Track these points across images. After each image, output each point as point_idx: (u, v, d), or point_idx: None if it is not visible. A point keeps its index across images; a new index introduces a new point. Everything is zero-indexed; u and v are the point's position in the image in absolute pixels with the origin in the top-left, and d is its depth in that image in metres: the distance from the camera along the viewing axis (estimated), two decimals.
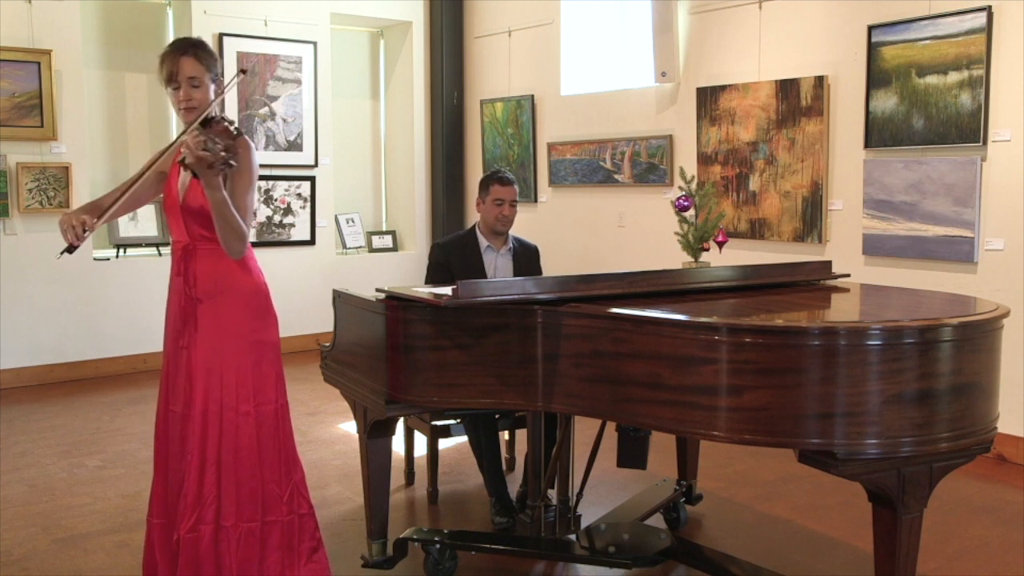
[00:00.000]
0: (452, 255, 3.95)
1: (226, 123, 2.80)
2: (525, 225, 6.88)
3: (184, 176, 2.80)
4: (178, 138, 2.76)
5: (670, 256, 4.17)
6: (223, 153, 2.58)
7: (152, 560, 2.93)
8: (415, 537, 3.31)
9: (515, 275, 4.00)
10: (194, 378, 2.81)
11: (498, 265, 3.99)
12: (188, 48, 2.78)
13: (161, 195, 2.92)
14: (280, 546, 2.89)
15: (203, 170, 2.60)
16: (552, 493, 3.45)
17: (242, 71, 3.03)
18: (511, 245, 4.04)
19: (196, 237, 2.83)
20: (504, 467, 3.96)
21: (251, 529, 2.85)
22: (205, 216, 2.76)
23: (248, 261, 2.89)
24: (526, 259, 4.08)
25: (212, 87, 2.81)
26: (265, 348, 2.89)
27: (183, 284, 2.85)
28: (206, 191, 2.67)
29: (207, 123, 2.76)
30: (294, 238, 7.47)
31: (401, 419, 3.52)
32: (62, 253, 2.58)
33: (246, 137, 2.83)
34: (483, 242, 3.99)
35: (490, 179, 3.98)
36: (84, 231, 2.56)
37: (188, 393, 2.82)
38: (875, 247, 5.18)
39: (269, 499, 2.88)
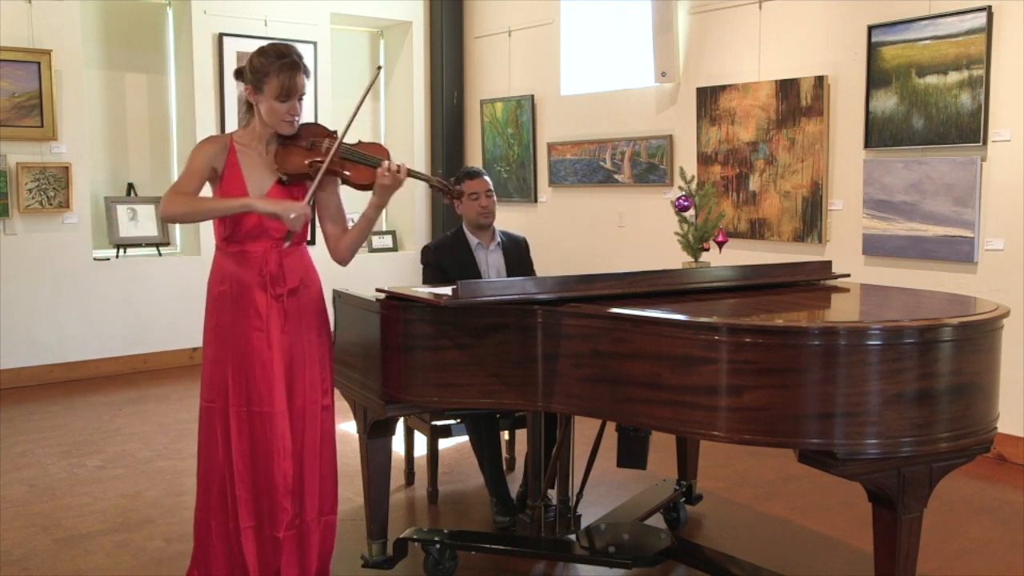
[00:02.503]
0: (444, 256, 3.95)
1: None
2: (525, 225, 6.88)
3: (260, 178, 2.84)
4: (332, 153, 2.84)
5: (670, 256, 4.17)
6: (445, 183, 2.95)
7: (240, 565, 2.86)
8: (415, 537, 3.31)
9: (507, 269, 4.02)
10: (280, 376, 2.82)
11: (489, 262, 4.00)
12: (301, 61, 2.81)
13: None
14: (331, 540, 2.99)
15: (390, 193, 2.90)
16: (552, 493, 3.45)
17: (379, 67, 3.19)
18: (499, 240, 4.05)
19: (282, 239, 2.85)
20: (504, 467, 3.96)
21: (330, 522, 2.93)
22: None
23: (313, 261, 3.01)
24: (516, 252, 4.09)
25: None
26: (330, 344, 3.01)
27: (267, 283, 2.83)
28: (375, 209, 2.93)
29: (343, 141, 2.89)
30: None
31: (401, 419, 3.51)
32: (288, 242, 2.84)
33: None
34: (472, 240, 3.99)
35: (459, 178, 4.00)
36: (309, 217, 2.78)
37: (280, 390, 2.81)
38: (875, 247, 5.18)
39: (337, 490, 2.99)
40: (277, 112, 2.80)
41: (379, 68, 3.16)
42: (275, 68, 2.76)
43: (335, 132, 2.93)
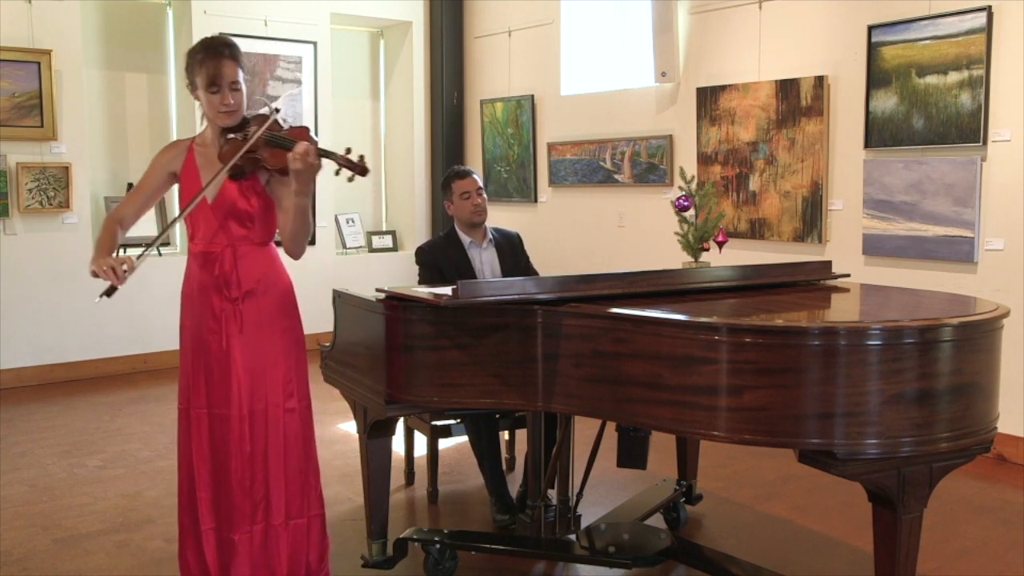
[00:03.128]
0: (439, 256, 3.96)
1: (289, 122, 2.78)
2: (525, 225, 6.88)
3: (214, 176, 2.74)
4: (251, 141, 2.70)
5: (670, 256, 4.16)
6: (349, 159, 2.67)
7: (202, 568, 2.87)
8: (415, 537, 3.31)
9: (501, 266, 4.02)
10: (240, 379, 2.79)
11: (483, 260, 4.00)
12: (227, 49, 2.72)
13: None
14: (319, 542, 2.94)
15: (308, 178, 2.65)
16: (552, 493, 3.45)
17: (276, 109, 2.95)
18: (491, 237, 4.05)
19: (236, 238, 2.80)
20: (504, 467, 3.96)
21: (299, 526, 2.88)
22: (247, 217, 2.77)
23: (281, 262, 2.92)
24: (510, 248, 4.09)
25: (245, 87, 2.79)
26: (300, 345, 2.94)
27: (221, 285, 2.79)
28: (297, 196, 2.68)
29: (272, 127, 2.74)
30: None
31: (401, 419, 3.51)
32: (102, 296, 2.61)
33: None
34: (465, 239, 3.99)
35: (449, 178, 4.01)
36: (126, 271, 2.60)
37: (238, 393, 2.79)
38: (875, 247, 5.18)
39: (311, 494, 2.92)
40: (212, 104, 2.75)
41: (276, 110, 2.85)
42: (199, 59, 2.72)
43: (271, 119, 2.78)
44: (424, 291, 3.03)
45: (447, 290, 2.89)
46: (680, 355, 2.48)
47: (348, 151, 2.73)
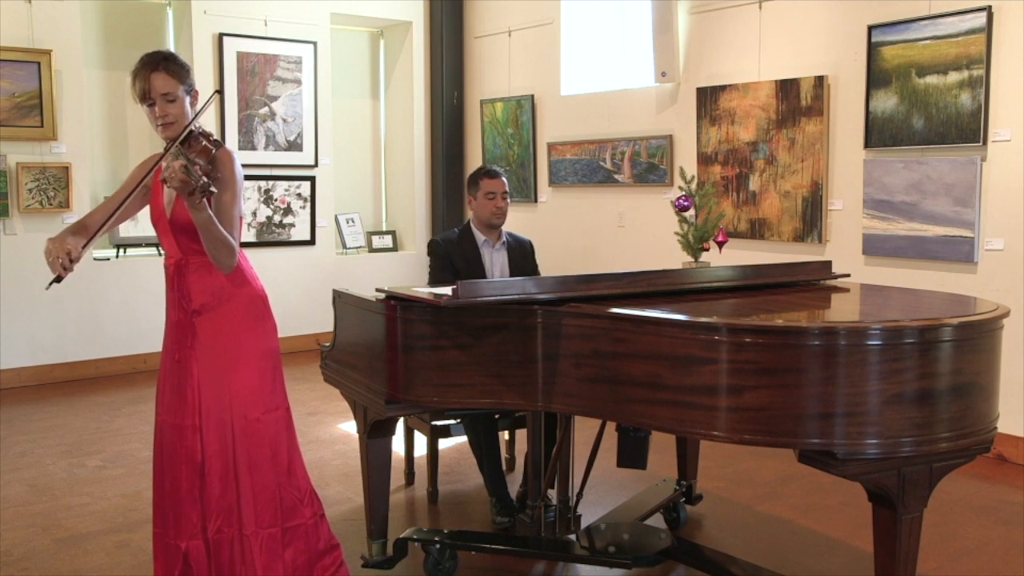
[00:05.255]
0: (452, 250, 3.97)
1: (204, 139, 2.70)
2: (525, 224, 6.88)
3: (169, 192, 2.74)
4: (161, 156, 2.70)
5: (670, 256, 4.17)
6: (203, 179, 2.52)
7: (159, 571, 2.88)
8: (415, 537, 3.31)
9: (511, 269, 4.03)
10: (199, 390, 2.78)
11: (494, 260, 4.01)
12: (159, 63, 2.70)
13: (146, 207, 2.88)
14: (305, 549, 2.91)
15: (185, 195, 2.55)
16: (552, 493, 3.45)
17: (217, 91, 2.90)
18: (505, 239, 4.06)
19: (187, 251, 2.79)
20: (504, 467, 3.96)
21: (273, 535, 2.85)
22: (195, 231, 2.71)
23: (243, 271, 2.85)
24: (521, 253, 4.10)
25: (187, 99, 2.75)
26: (268, 354, 2.89)
27: (179, 298, 2.81)
28: (190, 212, 2.61)
29: (186, 140, 2.68)
30: (294, 238, 7.47)
31: (401, 419, 3.51)
32: (51, 284, 2.56)
33: (227, 148, 2.78)
34: (479, 237, 4.00)
35: (478, 175, 4.01)
36: (71, 261, 2.53)
37: (194, 405, 2.78)
38: (875, 247, 5.18)
39: (287, 503, 2.88)
40: (150, 117, 2.73)
41: (217, 91, 2.81)
42: (133, 73, 2.73)
43: (216, 143, 2.73)
44: (424, 291, 3.03)
45: (447, 290, 2.89)
46: (680, 355, 2.48)
47: (207, 173, 2.61)
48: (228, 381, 2.80)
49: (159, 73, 2.69)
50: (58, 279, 2.54)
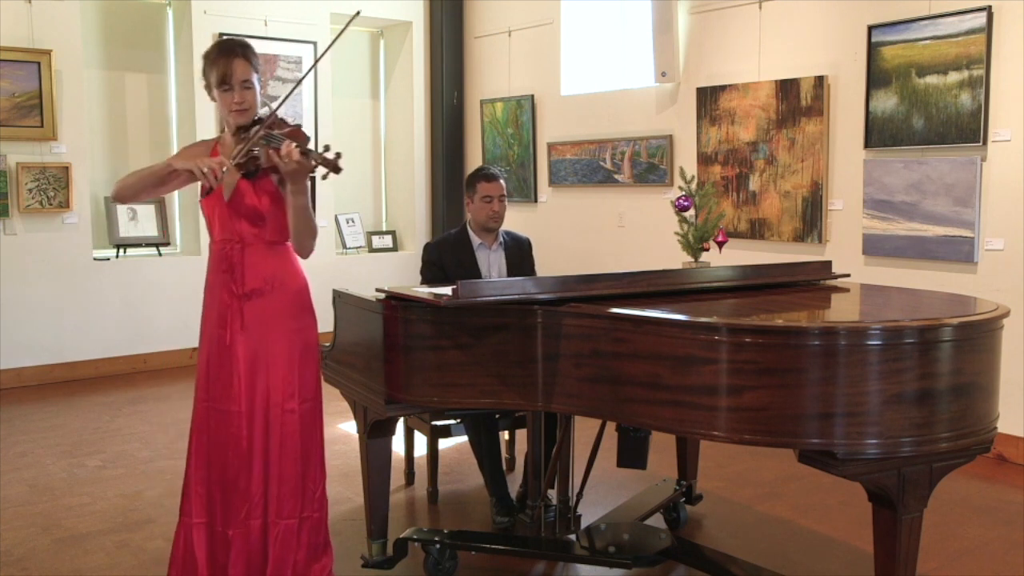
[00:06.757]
0: (445, 254, 3.95)
1: (289, 122, 2.81)
2: (525, 225, 6.88)
3: (231, 176, 2.78)
4: (249, 140, 2.74)
5: (670, 256, 4.17)
6: (325, 155, 2.67)
7: (191, 560, 2.88)
8: (415, 537, 3.31)
9: (508, 269, 4.01)
10: (241, 375, 2.81)
11: (491, 262, 3.99)
12: (239, 49, 2.79)
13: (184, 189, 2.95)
14: (309, 543, 2.93)
15: (301, 176, 2.69)
16: (552, 493, 3.45)
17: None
18: (502, 240, 4.05)
19: (247, 236, 2.83)
20: (504, 467, 3.96)
21: (290, 526, 2.88)
22: (257, 215, 2.80)
23: (295, 262, 2.93)
24: (518, 252, 4.09)
25: (259, 87, 2.84)
26: (308, 347, 2.92)
27: (229, 281, 2.83)
28: (293, 195, 2.74)
29: (271, 125, 2.77)
30: None
31: (401, 419, 3.51)
32: (204, 196, 2.78)
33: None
34: (475, 240, 3.99)
35: (475, 177, 3.99)
36: (226, 171, 2.65)
37: (239, 391, 2.81)
38: (875, 247, 5.18)
39: (306, 495, 2.91)
40: (225, 102, 2.80)
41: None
42: (212, 59, 2.80)
43: (298, 126, 2.85)
44: (424, 291, 3.03)
45: (447, 290, 2.89)
46: (680, 355, 2.48)
47: (327, 148, 2.74)
48: (270, 368, 2.83)
49: (240, 60, 2.78)
50: (209, 191, 2.70)
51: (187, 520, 2.89)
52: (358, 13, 2.99)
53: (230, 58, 2.76)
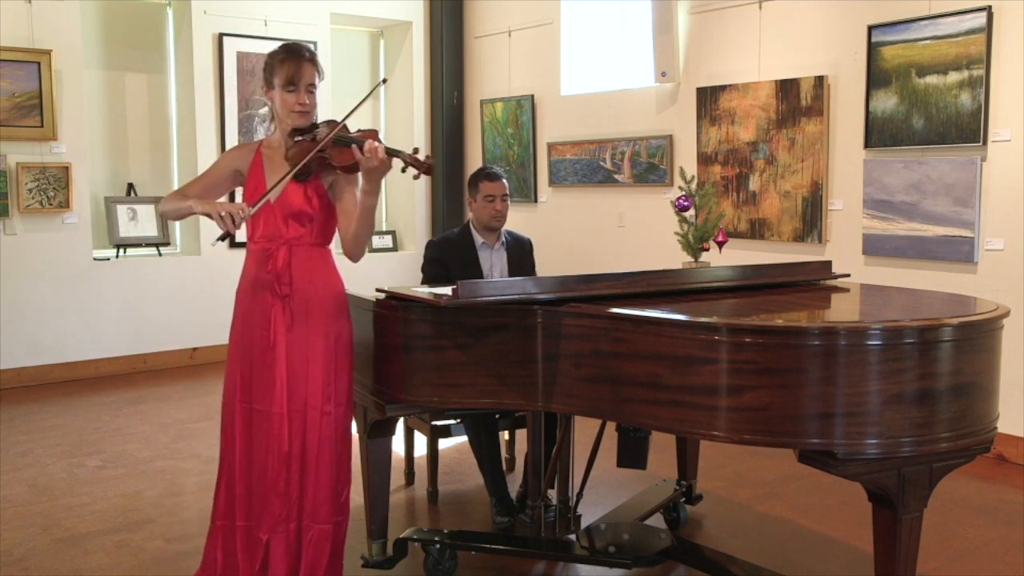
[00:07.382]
0: (448, 253, 3.95)
1: (347, 126, 2.86)
2: (525, 224, 6.88)
3: (276, 176, 2.81)
4: (314, 144, 2.78)
5: (670, 256, 4.17)
6: (410, 154, 2.75)
7: (232, 565, 2.87)
8: (415, 537, 3.31)
9: (509, 268, 4.02)
10: (283, 377, 2.80)
11: (493, 261, 4.00)
12: (309, 55, 2.85)
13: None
14: (334, 549, 2.93)
15: (378, 176, 2.76)
16: (552, 493, 3.45)
17: (384, 80, 3.20)
18: (504, 239, 4.05)
19: (294, 238, 2.85)
20: (504, 467, 3.96)
21: (325, 531, 2.88)
22: (306, 217, 2.83)
23: (335, 266, 2.96)
24: (519, 252, 4.09)
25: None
26: (345, 350, 2.93)
27: (274, 282, 2.82)
28: (366, 195, 2.80)
29: (342, 128, 2.82)
30: None
31: (401, 419, 3.51)
32: (217, 241, 2.79)
33: None
34: (478, 239, 3.99)
35: (478, 177, 3.99)
36: (242, 218, 2.65)
37: (281, 392, 2.80)
38: (875, 247, 5.18)
39: (338, 500, 2.92)
40: (287, 103, 2.84)
41: (383, 80, 3.20)
42: (280, 59, 2.84)
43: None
44: (424, 291, 3.03)
45: (447, 290, 2.89)
46: (680, 355, 2.48)
47: (416, 151, 2.81)
48: (308, 370, 2.83)
49: (309, 64, 2.84)
50: (226, 236, 2.68)
51: (226, 523, 2.88)
52: (384, 80, 3.23)
53: (300, 61, 2.81)
